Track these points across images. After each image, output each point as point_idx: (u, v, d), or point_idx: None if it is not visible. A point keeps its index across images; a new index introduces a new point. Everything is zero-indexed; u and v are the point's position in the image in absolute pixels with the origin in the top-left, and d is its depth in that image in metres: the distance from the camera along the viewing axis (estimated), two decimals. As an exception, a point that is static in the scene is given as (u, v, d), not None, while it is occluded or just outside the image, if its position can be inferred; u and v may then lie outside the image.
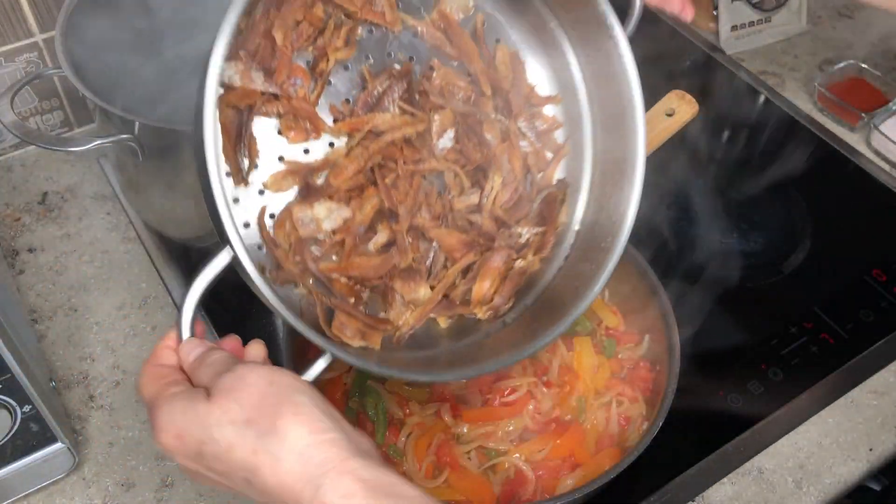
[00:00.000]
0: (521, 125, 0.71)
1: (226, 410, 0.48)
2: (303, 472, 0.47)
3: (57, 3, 1.00)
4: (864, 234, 1.04)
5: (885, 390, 0.88)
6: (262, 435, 0.48)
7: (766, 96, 1.22)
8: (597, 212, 0.72)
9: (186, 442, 0.49)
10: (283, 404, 0.49)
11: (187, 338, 0.54)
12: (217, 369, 0.51)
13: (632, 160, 0.68)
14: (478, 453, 0.75)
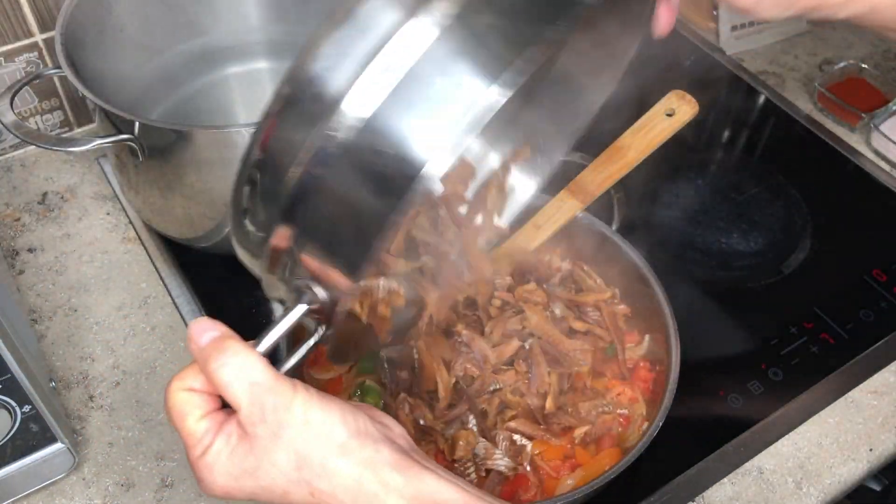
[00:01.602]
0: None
1: (273, 462, 0.49)
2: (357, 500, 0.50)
3: (57, 3, 1.00)
4: (864, 234, 1.04)
5: (885, 390, 0.88)
6: (314, 477, 0.50)
7: (766, 96, 1.22)
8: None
9: (237, 495, 0.51)
10: (324, 443, 0.50)
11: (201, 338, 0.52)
12: (251, 409, 0.50)
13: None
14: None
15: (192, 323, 0.52)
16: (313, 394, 0.51)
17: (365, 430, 0.52)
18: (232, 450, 0.50)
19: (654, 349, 0.83)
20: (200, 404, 0.51)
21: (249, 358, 0.50)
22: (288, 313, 0.51)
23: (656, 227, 1.04)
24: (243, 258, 0.56)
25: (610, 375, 0.82)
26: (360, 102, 0.43)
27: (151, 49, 1.04)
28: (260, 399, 0.49)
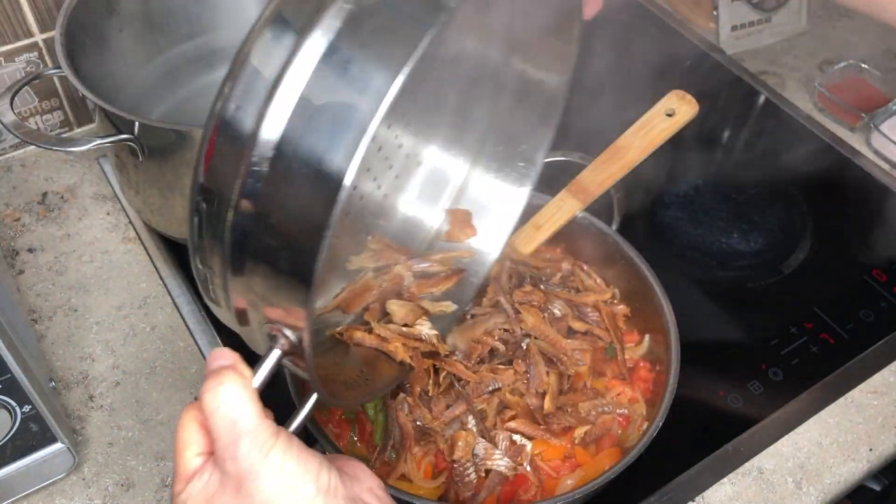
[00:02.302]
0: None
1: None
2: None
3: (57, 3, 1.00)
4: (864, 234, 1.04)
5: (885, 390, 0.88)
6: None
7: (766, 96, 1.22)
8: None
9: None
10: (291, 497, 0.49)
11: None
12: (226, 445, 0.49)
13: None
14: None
15: (213, 350, 0.52)
16: (293, 444, 0.50)
17: (335, 489, 0.51)
18: (204, 485, 0.50)
19: (654, 349, 0.83)
20: (203, 441, 0.51)
21: (240, 394, 0.49)
22: (264, 362, 0.52)
23: (656, 227, 1.04)
24: (216, 313, 0.56)
25: (610, 375, 0.82)
26: (268, 131, 0.46)
27: (151, 49, 1.04)
28: (236, 438, 0.48)
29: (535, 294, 0.83)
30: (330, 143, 0.45)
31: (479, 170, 0.80)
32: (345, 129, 0.44)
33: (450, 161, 0.79)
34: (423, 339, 0.72)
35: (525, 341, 0.79)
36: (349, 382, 0.66)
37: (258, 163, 0.46)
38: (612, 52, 1.26)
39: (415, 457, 0.75)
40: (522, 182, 0.80)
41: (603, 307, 0.84)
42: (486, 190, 0.80)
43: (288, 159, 0.46)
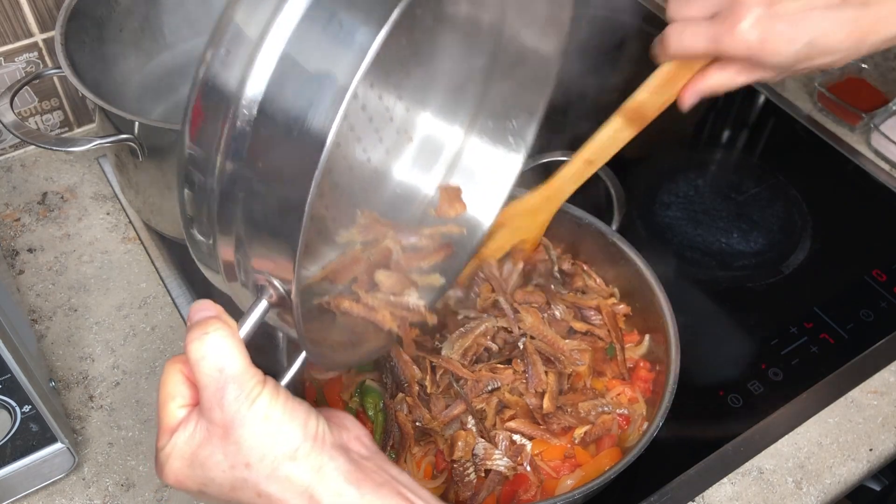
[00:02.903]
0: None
1: (225, 454, 0.49)
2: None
3: (57, 3, 1.00)
4: (864, 234, 1.04)
5: (885, 390, 0.88)
6: (262, 479, 0.49)
7: (766, 96, 1.22)
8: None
9: (188, 485, 0.51)
10: (277, 443, 0.49)
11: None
12: (212, 393, 0.49)
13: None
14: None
15: (196, 302, 0.52)
16: (280, 392, 0.50)
17: (322, 435, 0.51)
18: (190, 435, 0.49)
19: (654, 349, 0.83)
20: (188, 394, 0.51)
21: (226, 342, 0.49)
22: (251, 311, 0.51)
23: (656, 227, 1.04)
24: (207, 275, 0.56)
25: (610, 375, 0.82)
26: (252, 90, 0.46)
27: (151, 49, 1.04)
28: (222, 385, 0.48)
29: (535, 294, 0.83)
30: (314, 98, 0.45)
31: (470, 144, 0.80)
32: (329, 84, 0.45)
33: (441, 136, 0.79)
34: (410, 308, 0.72)
35: (522, 340, 0.79)
36: (336, 347, 0.66)
37: (244, 121, 0.47)
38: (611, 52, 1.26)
39: (415, 457, 0.75)
40: (513, 157, 0.79)
41: (604, 307, 0.84)
42: (478, 164, 0.80)
43: (272, 116, 0.46)
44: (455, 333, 0.79)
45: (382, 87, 0.71)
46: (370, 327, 0.70)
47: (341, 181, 0.72)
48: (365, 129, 0.72)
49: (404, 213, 0.79)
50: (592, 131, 1.04)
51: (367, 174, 0.75)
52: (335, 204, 0.72)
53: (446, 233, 0.78)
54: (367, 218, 0.75)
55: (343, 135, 0.70)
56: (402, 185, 0.79)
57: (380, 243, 0.74)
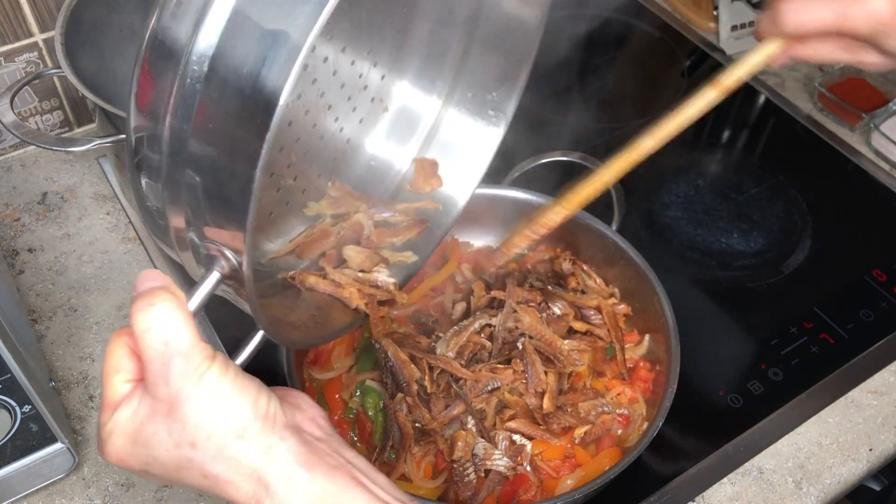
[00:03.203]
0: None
1: (170, 432, 0.47)
2: (255, 493, 0.47)
3: (57, 3, 1.00)
4: (864, 234, 1.04)
5: (885, 390, 0.88)
6: (208, 459, 0.47)
7: (766, 96, 1.22)
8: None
9: (132, 464, 0.49)
10: (225, 422, 0.47)
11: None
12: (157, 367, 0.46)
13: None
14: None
15: (143, 271, 0.49)
16: (230, 368, 0.48)
17: (273, 414, 0.48)
18: (133, 412, 0.47)
19: (654, 349, 0.83)
20: (133, 368, 0.48)
21: (173, 314, 0.46)
22: (202, 283, 0.49)
23: (656, 227, 1.04)
24: (166, 251, 0.54)
25: (610, 375, 0.82)
26: (203, 44, 0.44)
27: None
28: (168, 359, 0.46)
29: (534, 294, 0.83)
30: (268, 53, 0.42)
31: (448, 116, 0.77)
32: (284, 39, 0.42)
33: (418, 106, 0.76)
34: (379, 285, 0.69)
35: (521, 340, 0.79)
36: (298, 325, 0.63)
37: (193, 78, 0.44)
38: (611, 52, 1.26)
39: (414, 457, 0.75)
40: (492, 131, 0.77)
41: (605, 307, 0.84)
42: (456, 137, 0.78)
43: (224, 73, 0.44)
44: (449, 332, 0.79)
45: (355, 52, 0.68)
46: (336, 305, 0.68)
47: (311, 149, 0.68)
48: (337, 95, 0.68)
49: (378, 187, 0.76)
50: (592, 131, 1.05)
51: (340, 144, 0.72)
52: (304, 174, 0.69)
53: (421, 208, 0.76)
54: (339, 190, 0.72)
55: (312, 101, 0.66)
56: (376, 158, 0.76)
57: (351, 217, 0.71)
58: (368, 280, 0.70)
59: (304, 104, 0.66)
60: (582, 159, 0.92)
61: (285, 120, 0.65)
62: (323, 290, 0.67)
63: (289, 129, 0.66)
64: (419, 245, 0.74)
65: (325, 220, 0.71)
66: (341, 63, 0.67)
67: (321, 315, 0.66)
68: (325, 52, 0.65)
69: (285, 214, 0.69)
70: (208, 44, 0.44)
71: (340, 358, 0.82)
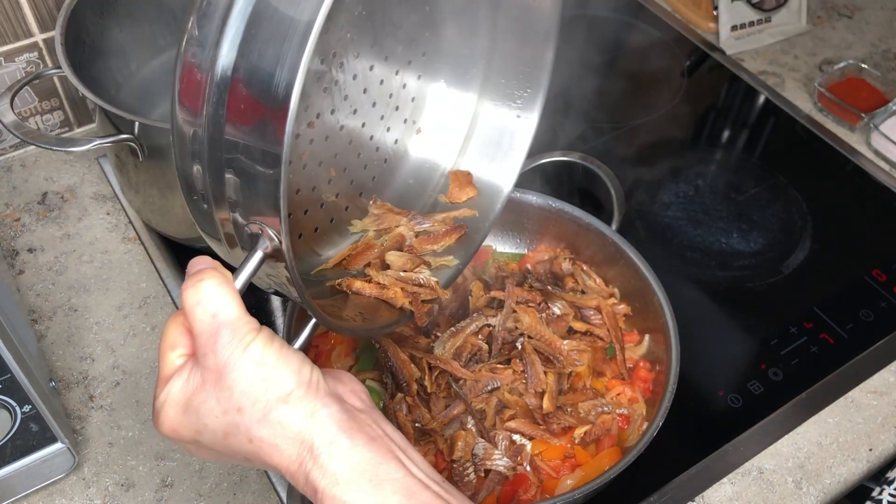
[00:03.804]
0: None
1: (218, 399, 0.49)
2: (299, 456, 0.49)
3: (57, 3, 1.00)
4: (864, 234, 1.04)
5: (885, 390, 0.88)
6: (254, 424, 0.48)
7: (766, 96, 1.22)
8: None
9: (183, 434, 0.50)
10: (270, 388, 0.49)
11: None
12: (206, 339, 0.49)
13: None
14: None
15: (193, 258, 0.52)
16: (275, 339, 0.50)
17: (316, 382, 0.50)
18: (185, 382, 0.49)
19: (654, 349, 0.83)
20: (188, 343, 0.50)
21: (220, 289, 0.49)
22: (249, 258, 0.52)
23: (656, 227, 1.04)
24: (212, 245, 0.57)
25: (610, 375, 0.82)
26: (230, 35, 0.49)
27: (151, 49, 1.04)
28: (216, 330, 0.48)
29: (533, 294, 0.83)
30: (285, 37, 0.47)
31: (478, 127, 0.80)
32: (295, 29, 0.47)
33: (448, 118, 0.79)
34: (422, 283, 0.72)
35: (520, 340, 0.79)
36: (348, 319, 0.66)
37: (224, 67, 0.49)
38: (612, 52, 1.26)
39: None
40: (527, 117, 0.79)
41: (604, 307, 0.84)
42: (486, 145, 0.80)
43: (249, 60, 0.48)
44: (446, 333, 0.80)
45: (383, 68, 0.72)
46: (383, 304, 0.70)
47: (349, 166, 0.72)
48: (368, 112, 0.72)
49: (417, 201, 0.79)
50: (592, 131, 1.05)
51: (378, 162, 0.76)
52: (345, 191, 0.73)
53: (458, 217, 0.79)
54: (380, 208, 0.75)
55: (346, 116, 0.70)
56: (413, 175, 0.79)
57: (393, 231, 0.75)
58: (411, 279, 0.72)
59: (337, 119, 0.69)
60: (582, 159, 0.92)
61: (322, 133, 0.68)
62: (369, 293, 0.69)
63: (326, 143, 0.69)
64: (459, 251, 0.77)
65: (369, 234, 0.74)
66: (371, 81, 0.71)
67: (369, 313, 0.69)
68: (353, 69, 0.69)
69: (330, 230, 0.72)
70: (234, 36, 0.48)
71: (340, 358, 0.82)
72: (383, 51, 0.71)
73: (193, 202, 0.55)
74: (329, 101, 0.68)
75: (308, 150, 0.67)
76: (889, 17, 1.37)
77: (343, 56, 0.67)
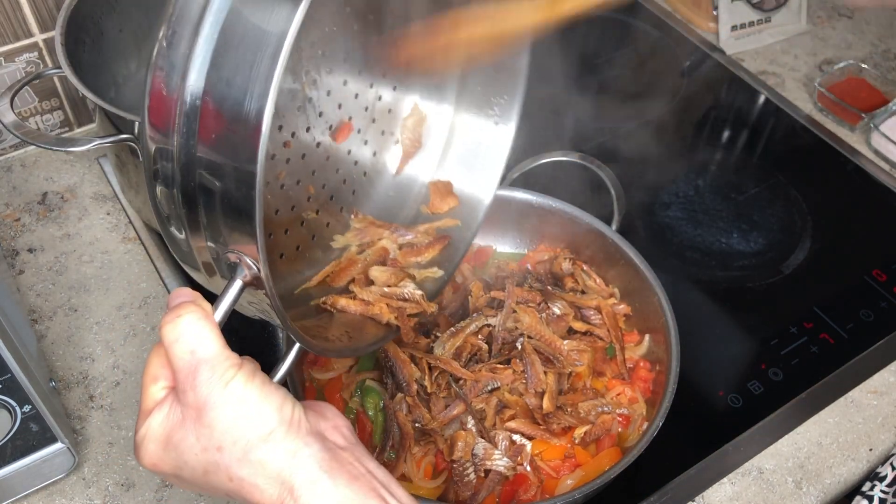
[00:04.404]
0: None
1: (198, 437, 0.48)
2: (280, 496, 0.48)
3: (57, 3, 1.00)
4: (864, 234, 1.04)
5: (885, 390, 0.88)
6: (234, 462, 0.48)
7: (766, 96, 1.22)
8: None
9: (164, 469, 0.50)
10: (251, 427, 0.48)
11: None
12: (185, 375, 0.49)
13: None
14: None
15: (174, 290, 0.52)
16: (257, 375, 0.49)
17: (298, 420, 0.50)
18: (165, 417, 0.49)
19: (654, 349, 0.83)
20: (170, 376, 0.50)
21: (198, 325, 0.48)
22: (228, 289, 0.51)
23: (656, 227, 1.04)
24: (191, 274, 0.57)
25: (610, 375, 0.82)
26: (198, 58, 0.48)
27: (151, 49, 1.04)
28: (195, 368, 0.48)
29: (533, 294, 0.83)
30: (254, 60, 0.46)
31: (458, 132, 0.80)
32: (267, 46, 0.46)
33: (427, 127, 0.79)
34: (406, 297, 0.72)
35: (520, 340, 0.79)
36: (333, 339, 0.66)
37: (193, 95, 0.48)
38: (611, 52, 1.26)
39: (414, 457, 0.75)
40: (504, 126, 0.79)
41: (604, 307, 0.84)
42: (466, 152, 0.80)
43: (218, 85, 0.47)
44: (446, 333, 0.80)
45: (357, 85, 0.71)
46: (368, 323, 0.70)
47: (328, 182, 0.72)
48: (348, 127, 0.72)
49: (399, 213, 0.79)
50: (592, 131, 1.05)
51: (357, 176, 0.75)
52: (326, 207, 0.72)
53: (441, 227, 0.79)
54: (362, 222, 0.75)
55: (321, 132, 0.70)
56: (393, 186, 0.79)
57: (376, 244, 0.74)
58: (396, 294, 0.72)
59: (313, 137, 0.69)
60: (582, 159, 0.92)
61: (298, 152, 0.68)
62: (354, 311, 0.70)
63: (303, 161, 0.69)
64: (444, 261, 0.77)
65: (351, 249, 0.74)
66: (346, 97, 0.71)
67: (355, 331, 0.69)
68: (327, 85, 0.68)
69: (312, 247, 0.72)
70: (202, 60, 0.47)
71: (341, 358, 0.82)
72: (356, 65, 0.70)
73: (168, 232, 0.54)
74: (304, 119, 0.67)
75: (285, 170, 0.66)
76: (889, 17, 1.37)
77: (315, 73, 0.67)
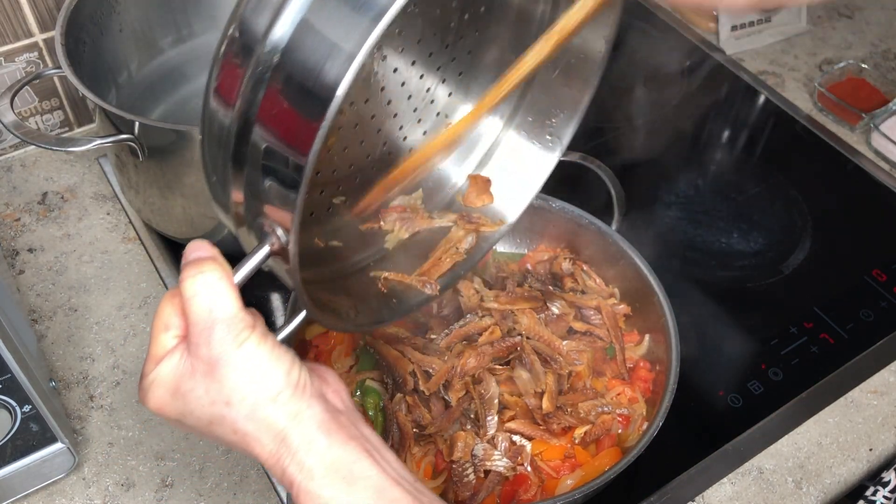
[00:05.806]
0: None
1: (207, 390, 0.50)
2: (278, 450, 0.51)
3: (57, 3, 1.00)
4: (864, 234, 1.04)
5: (885, 390, 0.88)
6: (240, 418, 0.50)
7: (766, 96, 1.22)
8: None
9: (168, 413, 0.52)
10: (259, 387, 0.50)
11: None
12: (201, 330, 0.50)
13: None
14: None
15: (192, 241, 0.53)
16: (268, 338, 0.51)
17: (304, 384, 0.52)
18: (174, 366, 0.51)
19: (654, 349, 0.83)
20: (181, 325, 0.51)
21: (219, 283, 0.50)
22: (254, 254, 0.52)
23: (656, 227, 1.04)
24: (219, 215, 0.57)
25: (610, 375, 0.82)
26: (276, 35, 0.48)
27: (151, 49, 1.04)
28: (211, 325, 0.49)
29: (532, 294, 0.83)
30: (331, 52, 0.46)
31: (506, 138, 0.80)
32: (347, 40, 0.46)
33: (479, 127, 0.79)
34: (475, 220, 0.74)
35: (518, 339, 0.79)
36: (339, 313, 0.66)
37: (265, 66, 0.48)
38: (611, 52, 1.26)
39: (414, 457, 0.75)
40: (547, 156, 0.79)
41: (604, 307, 0.84)
42: (511, 160, 0.80)
43: (290, 66, 0.47)
44: (441, 335, 0.80)
45: (424, 67, 0.71)
46: (378, 297, 0.70)
47: (374, 154, 0.72)
48: (404, 106, 0.72)
49: (433, 199, 0.79)
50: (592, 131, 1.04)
51: (403, 154, 0.75)
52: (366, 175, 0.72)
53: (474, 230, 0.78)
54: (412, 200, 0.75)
55: (380, 107, 0.70)
56: (436, 171, 0.79)
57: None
58: (468, 216, 0.73)
59: (370, 109, 0.69)
60: (582, 159, 0.92)
61: (352, 121, 0.68)
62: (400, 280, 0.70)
63: (354, 130, 0.69)
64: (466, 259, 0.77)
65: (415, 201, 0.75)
66: (411, 76, 0.71)
67: (362, 306, 0.69)
68: (395, 63, 0.68)
69: (344, 211, 0.72)
70: (282, 36, 0.48)
71: (341, 358, 0.82)
72: (428, 47, 0.70)
73: (212, 183, 0.55)
74: (364, 91, 0.68)
75: (336, 136, 0.67)
76: (889, 17, 1.37)
77: (388, 48, 0.67)
